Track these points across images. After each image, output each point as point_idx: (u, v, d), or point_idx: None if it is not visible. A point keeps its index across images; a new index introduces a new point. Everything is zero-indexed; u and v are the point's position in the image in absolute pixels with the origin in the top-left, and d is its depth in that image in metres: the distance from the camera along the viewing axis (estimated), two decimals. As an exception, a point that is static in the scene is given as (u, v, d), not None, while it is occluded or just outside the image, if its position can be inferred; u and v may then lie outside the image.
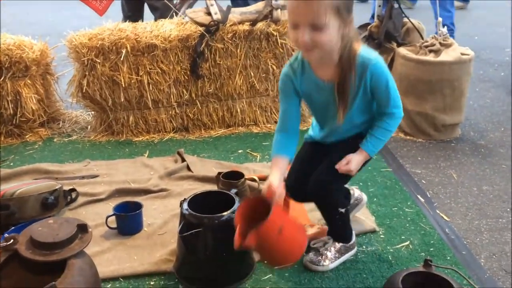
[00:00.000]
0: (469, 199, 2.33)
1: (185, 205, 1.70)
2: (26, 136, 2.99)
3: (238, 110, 3.10)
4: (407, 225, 2.08)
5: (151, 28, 2.95)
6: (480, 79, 4.13)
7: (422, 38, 3.13)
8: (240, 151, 2.83)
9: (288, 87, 1.66)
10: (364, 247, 1.93)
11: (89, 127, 3.15)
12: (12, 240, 1.13)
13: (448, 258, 1.86)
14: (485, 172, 2.59)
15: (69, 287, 1.05)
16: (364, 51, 1.56)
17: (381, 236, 2.00)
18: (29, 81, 2.94)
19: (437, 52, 2.90)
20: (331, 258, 1.79)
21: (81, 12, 3.11)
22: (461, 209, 2.24)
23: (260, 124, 3.14)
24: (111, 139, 3.00)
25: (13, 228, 1.89)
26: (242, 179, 2.05)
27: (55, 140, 3.00)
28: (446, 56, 2.85)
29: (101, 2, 3.24)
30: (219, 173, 2.12)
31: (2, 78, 2.85)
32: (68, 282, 1.06)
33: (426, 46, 2.94)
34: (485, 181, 2.49)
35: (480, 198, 2.33)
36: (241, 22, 2.95)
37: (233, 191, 1.82)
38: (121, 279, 1.73)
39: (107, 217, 1.98)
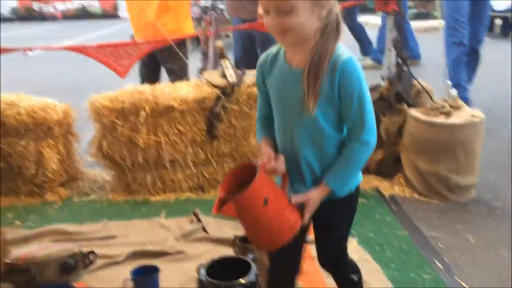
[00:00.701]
0: (488, 264, 2.30)
1: (202, 272, 1.71)
2: (46, 196, 3.06)
3: (253, 170, 3.15)
4: (427, 292, 2.06)
5: (169, 90, 3.06)
6: (492, 137, 4.16)
7: (432, 99, 3.20)
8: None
9: (258, 77, 1.55)
10: (382, 316, 1.91)
11: (107, 186, 3.21)
12: None
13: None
14: (502, 235, 2.58)
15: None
16: (343, 48, 1.42)
17: (401, 303, 1.98)
18: (51, 142, 3.04)
19: (447, 114, 2.96)
20: None
21: (104, 70, 3.27)
22: (479, 276, 2.21)
23: (275, 184, 3.18)
24: (128, 198, 3.06)
25: (32, 292, 1.92)
26: (259, 244, 2.06)
27: (74, 199, 3.06)
28: (457, 118, 2.91)
29: (122, 65, 3.38)
30: (236, 237, 2.14)
31: (25, 140, 2.95)
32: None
33: (437, 108, 3.01)
34: (503, 245, 2.47)
35: (499, 264, 2.31)
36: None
37: (250, 257, 1.84)
38: None
39: (125, 280, 2.00)
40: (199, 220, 2.66)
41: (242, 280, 1.65)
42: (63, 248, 2.07)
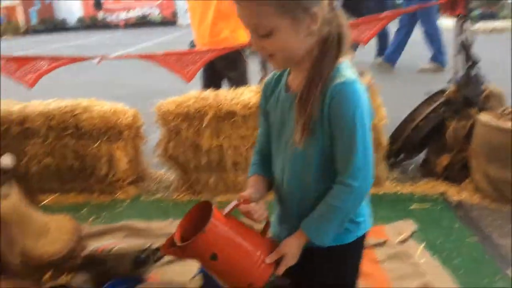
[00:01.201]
0: None
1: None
2: (116, 194, 3.23)
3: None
4: (500, 301, 1.99)
5: (231, 96, 3.14)
6: None
7: (502, 104, 3.08)
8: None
9: (261, 100, 1.36)
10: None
11: (172, 186, 3.34)
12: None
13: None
14: None
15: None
16: (345, 66, 1.18)
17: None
18: (121, 144, 3.21)
19: (518, 119, 2.84)
20: None
21: (167, 77, 3.41)
22: (554, 286, 2.11)
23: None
24: (192, 198, 3.16)
25: (108, 283, 2.03)
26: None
27: (142, 198, 3.21)
28: (529, 123, 2.78)
29: (188, 71, 3.49)
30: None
31: (98, 142, 3.13)
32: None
33: (507, 114, 2.90)
34: None
35: None
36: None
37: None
38: None
39: (193, 276, 2.07)
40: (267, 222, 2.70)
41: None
42: (136, 244, 2.19)
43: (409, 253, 2.34)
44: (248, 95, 3.15)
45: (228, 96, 3.15)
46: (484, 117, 2.96)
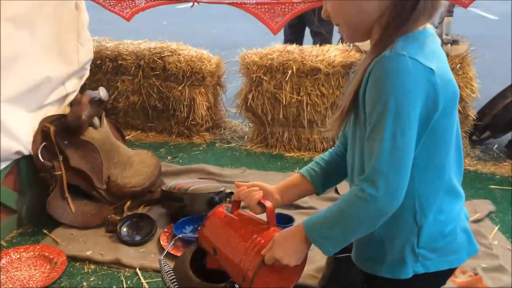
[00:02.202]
0: None
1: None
2: (194, 138, 3.36)
3: (390, 140, 3.10)
4: None
5: (316, 52, 3.11)
6: None
7: None
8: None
9: None
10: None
11: (246, 137, 3.42)
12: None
13: None
14: None
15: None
16: (418, 35, 0.94)
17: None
18: (203, 90, 3.30)
19: None
20: None
21: (252, 28, 3.42)
22: None
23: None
24: (264, 151, 3.23)
25: (183, 219, 2.17)
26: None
27: (216, 145, 3.32)
28: None
29: (276, 22, 3.46)
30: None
31: (182, 85, 3.24)
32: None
33: None
34: None
35: None
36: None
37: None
38: (270, 285, 1.87)
39: (262, 224, 2.15)
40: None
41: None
42: (210, 185, 2.29)
43: (482, 233, 2.27)
44: (334, 53, 3.10)
45: (314, 52, 3.12)
46: None
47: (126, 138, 3.34)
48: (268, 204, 1.16)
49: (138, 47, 3.36)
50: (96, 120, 2.41)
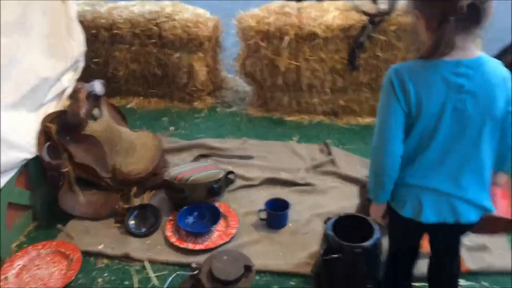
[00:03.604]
0: None
1: (330, 226, 1.89)
2: (195, 103, 3.40)
3: (390, 101, 3.11)
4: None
5: (315, 13, 3.01)
6: None
7: None
8: (385, 147, 2.88)
9: None
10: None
11: (246, 98, 3.45)
12: (197, 271, 1.45)
13: None
14: None
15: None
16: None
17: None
18: (201, 55, 3.28)
19: None
20: None
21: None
22: None
23: (410, 117, 3.13)
24: (265, 115, 3.28)
25: (185, 208, 2.31)
26: (385, 200, 2.15)
27: (217, 110, 3.37)
28: None
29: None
30: (363, 186, 2.25)
31: (180, 52, 3.22)
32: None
33: None
34: None
35: None
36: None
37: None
38: (268, 274, 2.04)
39: (259, 210, 2.29)
40: (329, 151, 2.80)
41: (363, 244, 1.80)
42: (209, 173, 2.38)
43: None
44: (333, 13, 3.01)
45: (312, 14, 3.03)
46: None
47: (129, 105, 3.43)
48: None
49: (132, 12, 3.29)
50: (96, 111, 2.48)
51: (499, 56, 2.87)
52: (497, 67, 1.34)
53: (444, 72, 1.30)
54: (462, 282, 1.97)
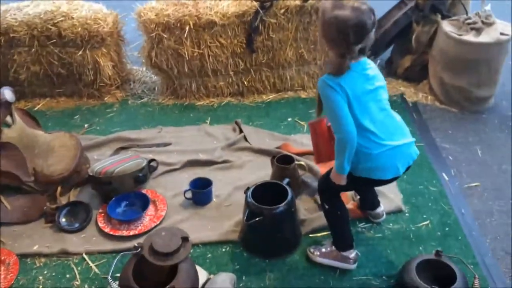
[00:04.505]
0: (488, 179, 2.68)
1: (249, 194, 2.17)
2: (105, 99, 3.47)
3: (288, 77, 3.44)
4: (430, 204, 2.49)
5: (210, 3, 3.21)
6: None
7: (466, 12, 3.26)
8: (289, 119, 3.22)
9: None
10: (391, 224, 2.37)
11: (156, 88, 3.58)
12: (140, 249, 1.64)
13: (460, 238, 2.28)
14: (508, 149, 2.90)
15: (183, 286, 1.57)
16: None
17: (406, 214, 2.43)
18: (105, 50, 3.33)
19: (478, 31, 3.07)
20: (322, 254, 2.14)
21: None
22: (479, 189, 2.61)
23: (307, 90, 3.49)
24: (176, 102, 3.44)
25: (113, 199, 2.44)
26: (293, 164, 2.47)
27: (129, 102, 3.47)
28: (486, 36, 3.02)
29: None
30: (273, 156, 2.55)
31: (82, 50, 3.26)
32: (181, 281, 1.58)
33: (469, 24, 3.10)
34: (507, 160, 2.81)
35: (498, 178, 2.68)
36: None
37: (286, 181, 2.27)
38: (201, 245, 2.27)
39: (185, 191, 2.49)
40: (240, 129, 3.06)
41: (280, 205, 2.09)
42: (133, 163, 2.53)
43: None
44: (227, 1, 3.22)
45: (207, 3, 3.22)
46: (446, 27, 3.17)
47: (36, 108, 3.41)
48: None
49: (27, 14, 3.24)
50: (8, 119, 2.49)
51: (439, 2, 3.27)
52: None
53: (357, 69, 1.80)
54: (362, 224, 2.36)
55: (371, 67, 1.86)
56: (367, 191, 2.33)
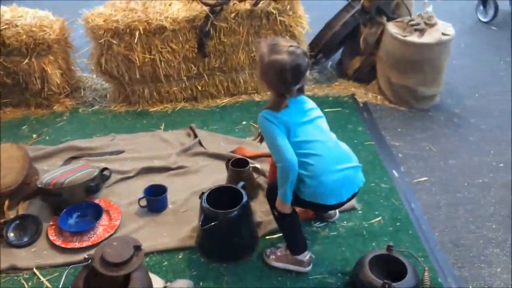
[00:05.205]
0: (436, 173, 2.79)
1: (204, 199, 2.16)
2: (54, 107, 3.37)
3: (241, 80, 3.46)
4: (381, 200, 2.56)
5: (160, 8, 3.19)
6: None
7: (410, 13, 3.39)
8: (244, 122, 3.23)
9: None
10: (344, 222, 2.42)
11: (107, 95, 3.52)
12: (90, 260, 1.60)
13: (410, 232, 2.36)
14: (454, 144, 3.03)
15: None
16: None
17: (359, 212, 2.49)
18: (52, 58, 3.25)
19: (421, 31, 3.19)
20: (277, 257, 2.15)
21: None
22: (427, 184, 2.71)
23: (261, 93, 3.52)
24: (129, 109, 3.39)
25: (65, 210, 2.38)
26: (247, 167, 2.49)
27: (80, 110, 3.39)
28: (429, 37, 3.15)
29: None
30: (228, 160, 2.55)
31: (28, 58, 3.16)
32: (134, 290, 1.56)
33: (412, 25, 3.22)
34: (453, 155, 2.94)
35: (445, 173, 2.79)
36: (244, 0, 3.19)
37: (241, 184, 2.28)
38: (156, 254, 2.24)
39: (139, 199, 2.45)
40: (195, 134, 3.05)
41: (235, 209, 2.10)
42: (84, 173, 2.47)
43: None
44: (177, 6, 3.21)
45: (157, 8, 3.19)
46: (392, 29, 3.28)
47: (-19, 119, 3.27)
48: None
49: (-34, 22, 3.12)
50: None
51: (384, 4, 3.35)
52: None
53: (294, 105, 1.91)
54: (317, 223, 2.40)
55: (308, 102, 1.97)
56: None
